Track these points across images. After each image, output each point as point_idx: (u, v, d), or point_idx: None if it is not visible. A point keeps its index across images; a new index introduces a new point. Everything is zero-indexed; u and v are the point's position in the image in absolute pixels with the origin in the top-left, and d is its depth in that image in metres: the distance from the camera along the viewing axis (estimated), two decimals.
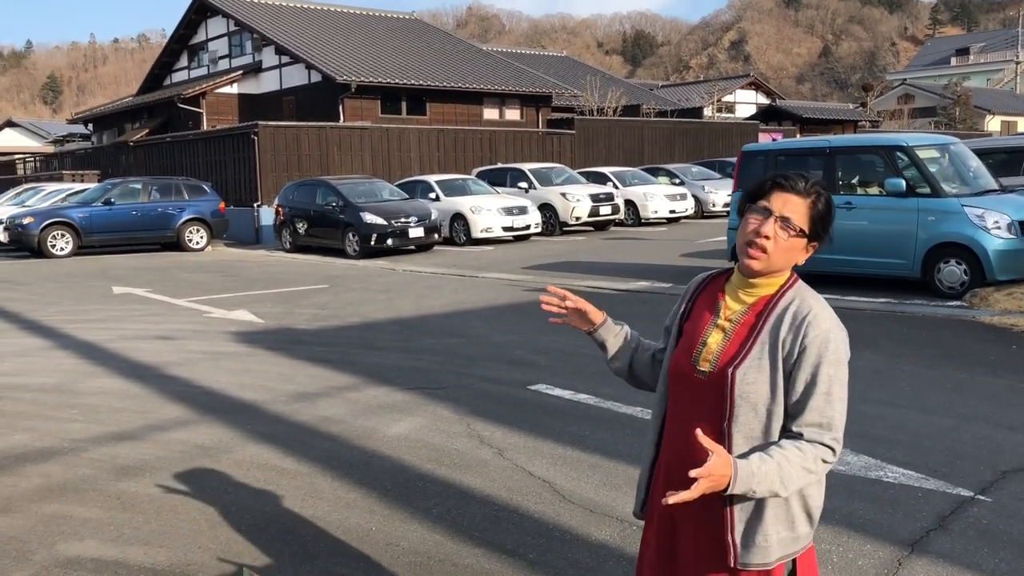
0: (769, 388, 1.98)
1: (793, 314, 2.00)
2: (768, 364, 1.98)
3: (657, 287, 11.86)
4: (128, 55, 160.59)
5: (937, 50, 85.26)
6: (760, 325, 2.03)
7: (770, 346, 1.99)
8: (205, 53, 35.62)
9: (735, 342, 2.03)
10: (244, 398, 6.64)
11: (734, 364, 2.00)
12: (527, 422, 5.75)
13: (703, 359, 2.05)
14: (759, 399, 1.98)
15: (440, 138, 26.26)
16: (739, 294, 2.09)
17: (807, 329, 1.97)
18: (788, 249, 2.01)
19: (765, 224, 2.00)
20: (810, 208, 2.01)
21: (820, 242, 2.05)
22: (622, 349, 2.37)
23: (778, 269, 2.04)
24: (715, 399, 2.01)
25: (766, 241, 1.99)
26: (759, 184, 2.07)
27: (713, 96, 45.66)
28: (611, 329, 2.38)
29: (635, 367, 2.37)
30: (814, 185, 2.03)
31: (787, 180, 2.03)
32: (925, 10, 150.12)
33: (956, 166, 10.53)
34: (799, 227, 1.99)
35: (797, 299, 2.03)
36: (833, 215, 2.06)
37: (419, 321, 9.91)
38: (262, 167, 23.02)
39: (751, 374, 1.98)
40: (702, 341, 2.08)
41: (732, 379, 1.99)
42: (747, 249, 2.02)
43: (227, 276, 15.27)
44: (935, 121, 45.61)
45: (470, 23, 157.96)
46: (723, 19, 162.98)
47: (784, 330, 1.99)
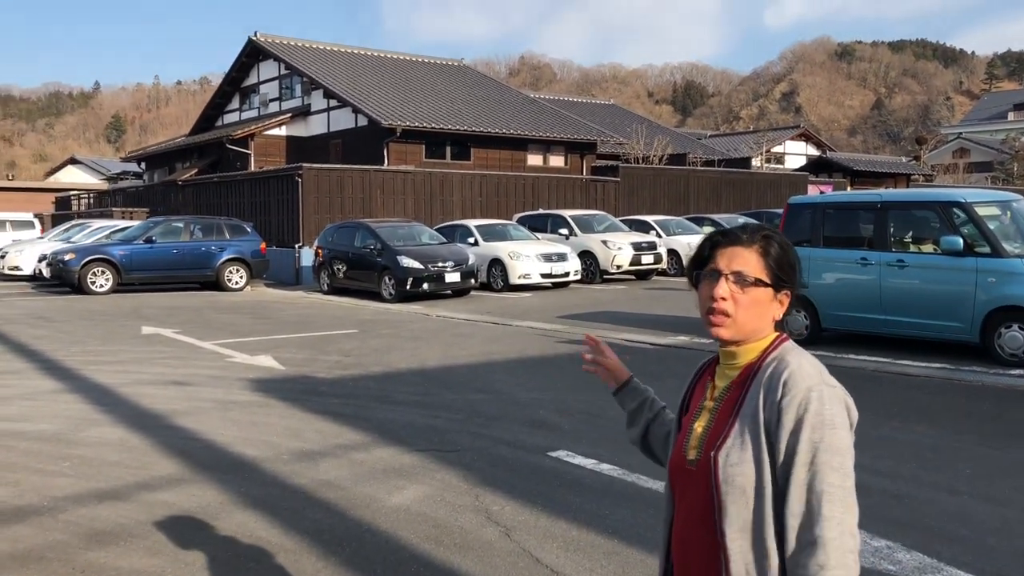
0: (755, 468, 1.73)
1: (770, 376, 1.77)
2: (751, 440, 1.74)
3: (697, 342, 11.30)
4: (190, 96, 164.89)
5: (994, 104, 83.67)
6: (742, 398, 1.80)
7: (751, 418, 1.76)
8: (256, 95, 36.10)
9: (719, 422, 1.82)
10: (245, 455, 6.24)
11: (716, 447, 1.78)
12: (542, 496, 5.24)
13: (691, 447, 1.86)
14: (747, 483, 1.73)
15: (483, 183, 26.05)
16: (725, 371, 1.89)
17: (784, 388, 1.72)
18: (752, 305, 1.82)
19: (717, 286, 1.82)
20: (760, 255, 1.83)
21: (790, 288, 1.85)
22: (638, 416, 2.24)
23: (752, 331, 1.84)
24: (705, 490, 1.79)
25: (724, 303, 1.81)
26: (698, 248, 1.92)
27: (762, 146, 45.05)
28: (633, 392, 2.25)
29: (649, 439, 2.22)
30: (757, 230, 1.87)
31: (724, 235, 1.88)
32: (981, 65, 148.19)
33: (1018, 224, 9.87)
34: (753, 277, 1.81)
35: (777, 359, 1.80)
36: (792, 256, 1.86)
37: (443, 373, 9.48)
38: (305, 209, 22.97)
39: (734, 455, 1.74)
40: (691, 428, 1.89)
41: (715, 464, 1.76)
42: (709, 319, 1.85)
43: (259, 318, 15.03)
44: (992, 176, 44.40)
45: (522, 72, 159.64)
46: (774, 71, 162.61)
47: (762, 396, 1.76)
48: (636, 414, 2.24)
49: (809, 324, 10.90)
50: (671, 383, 8.93)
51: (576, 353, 10.63)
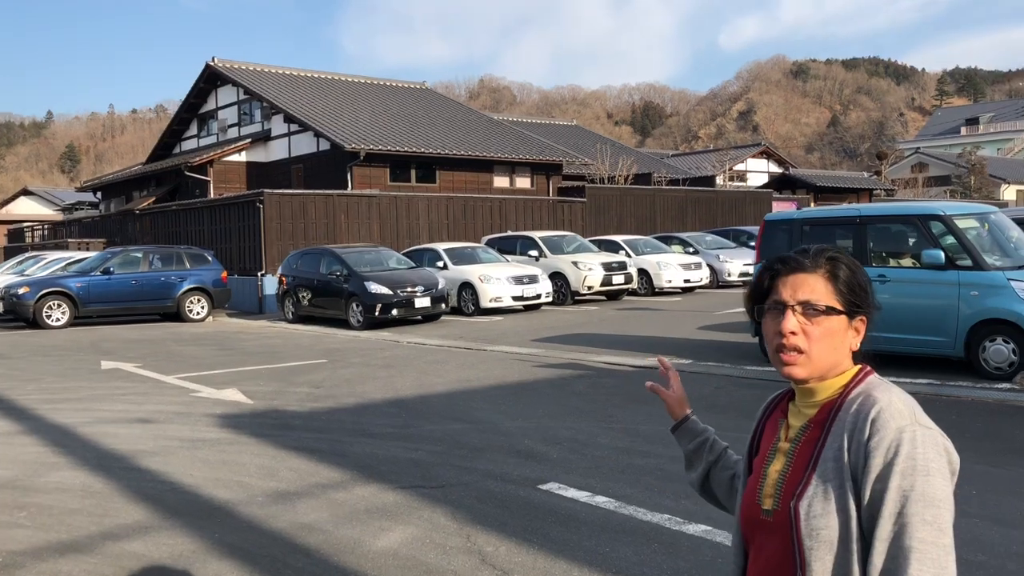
0: (841, 519, 1.52)
1: (855, 414, 1.56)
2: (835, 487, 1.54)
3: (676, 363, 11.07)
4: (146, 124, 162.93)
5: (947, 120, 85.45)
6: (823, 439, 1.60)
7: (834, 462, 1.55)
8: (215, 121, 35.55)
9: (797, 467, 1.62)
10: (217, 497, 5.87)
11: (796, 495, 1.58)
12: (537, 533, 4.95)
13: (766, 495, 1.66)
14: (833, 535, 1.52)
15: (449, 206, 25.80)
16: (801, 409, 1.69)
17: (872, 428, 1.52)
18: (826, 337, 1.62)
19: (785, 320, 1.62)
20: (828, 279, 1.64)
21: (865, 313, 1.66)
22: (697, 458, 2.04)
23: (829, 367, 1.63)
24: (785, 543, 1.59)
25: (796, 339, 1.62)
26: (756, 281, 1.74)
27: (725, 165, 45.36)
28: (689, 432, 2.06)
29: (711, 483, 2.03)
30: (820, 253, 1.68)
31: (784, 262, 1.69)
32: (932, 81, 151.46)
33: (996, 237, 9.83)
34: (824, 306, 1.62)
35: (862, 395, 1.60)
36: (864, 277, 1.68)
37: (420, 403, 9.15)
38: (267, 235, 22.52)
39: (818, 504, 1.54)
40: (764, 473, 1.69)
41: (796, 515, 1.56)
42: (780, 356, 1.65)
43: (223, 349, 14.57)
44: (950, 190, 45.11)
45: (482, 94, 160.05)
46: (731, 90, 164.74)
47: (847, 437, 1.55)
48: (695, 456, 2.04)
49: None
50: (656, 406, 8.71)
51: (559, 378, 10.37)
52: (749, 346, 11.74)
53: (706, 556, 4.53)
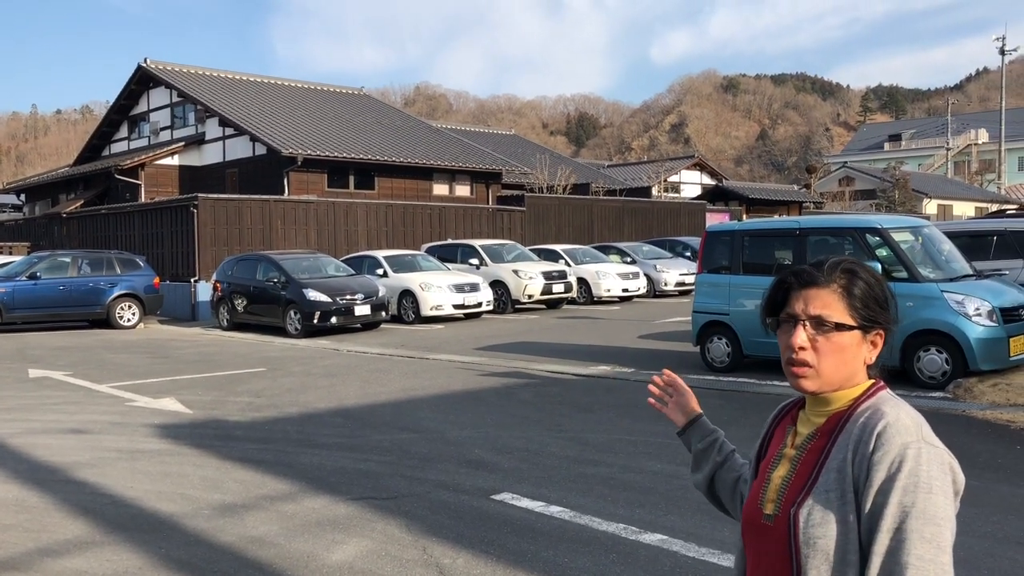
0: (840, 529, 1.52)
1: (862, 427, 1.56)
2: (836, 497, 1.54)
3: (619, 372, 11.18)
4: (71, 126, 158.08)
5: (871, 135, 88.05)
6: (828, 449, 1.60)
7: (837, 472, 1.55)
8: (146, 124, 34.68)
9: (801, 475, 1.61)
10: (160, 511, 5.69)
11: (796, 503, 1.57)
12: (494, 544, 4.91)
13: (768, 500, 1.65)
14: (830, 545, 1.52)
15: (389, 213, 25.60)
16: (810, 417, 1.68)
17: (876, 441, 1.52)
18: (836, 352, 1.61)
19: (794, 336, 1.62)
20: (842, 295, 1.62)
21: (883, 327, 1.64)
22: (705, 458, 2.01)
23: (840, 381, 1.62)
24: (783, 549, 1.58)
25: (805, 354, 1.61)
26: (770, 292, 1.72)
27: (660, 176, 45.97)
28: (700, 431, 2.03)
29: (716, 484, 2.00)
30: (836, 266, 1.66)
31: (797, 275, 1.67)
32: (856, 98, 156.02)
33: (928, 250, 10.15)
34: (834, 322, 1.60)
35: (871, 409, 1.59)
36: (882, 290, 1.66)
37: (365, 412, 9.03)
38: (201, 241, 22.02)
39: (817, 513, 1.54)
40: (768, 478, 1.69)
41: (795, 522, 1.55)
42: (790, 369, 1.65)
43: (156, 358, 14.19)
44: (876, 203, 46.46)
45: (418, 101, 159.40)
46: (663, 103, 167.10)
47: (852, 449, 1.55)
48: (703, 456, 2.01)
49: (731, 351, 10.92)
50: (603, 415, 8.77)
51: (504, 387, 10.35)
52: (690, 355, 11.89)
53: (664, 566, 4.54)
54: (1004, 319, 9.16)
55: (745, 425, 7.73)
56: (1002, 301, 9.30)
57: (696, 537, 4.87)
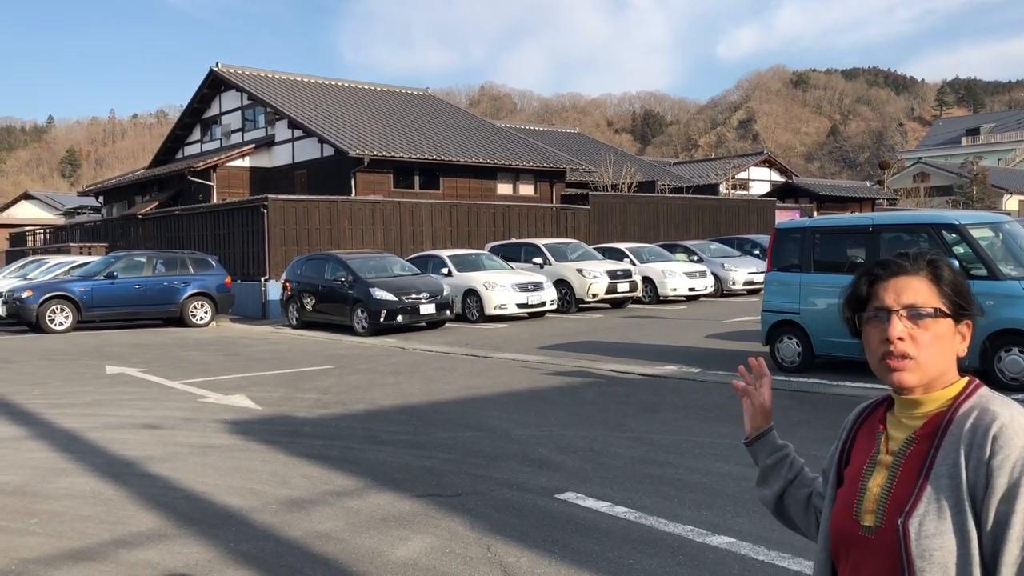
0: (958, 539, 1.44)
1: (972, 429, 1.48)
2: (950, 505, 1.46)
3: (685, 372, 11.02)
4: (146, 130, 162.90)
5: (947, 130, 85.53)
6: (932, 454, 1.51)
7: (948, 479, 1.47)
8: (218, 126, 35.52)
9: (904, 482, 1.53)
10: (230, 505, 5.79)
11: (904, 512, 1.49)
12: (558, 544, 4.87)
13: (866, 511, 1.57)
14: (948, 558, 1.44)
15: (453, 212, 25.75)
16: (902, 420, 1.60)
17: (993, 446, 1.44)
18: (935, 342, 1.54)
19: (891, 327, 1.54)
20: (932, 282, 1.57)
21: (970, 317, 1.59)
22: (774, 474, 1.91)
23: (939, 373, 1.55)
24: (889, 563, 1.50)
25: (904, 345, 1.53)
26: (853, 287, 1.64)
27: (727, 173, 45.36)
28: (769, 445, 1.93)
29: (786, 502, 1.90)
30: (920, 255, 1.61)
31: (884, 266, 1.61)
32: (931, 91, 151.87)
33: (1010, 246, 9.76)
34: (932, 308, 1.54)
35: (977, 409, 1.51)
36: (964, 279, 1.61)
37: (430, 409, 9.07)
38: (271, 241, 22.46)
39: (930, 523, 1.46)
40: (861, 487, 1.60)
41: (905, 534, 1.47)
42: (887, 364, 1.55)
43: (228, 355, 14.49)
44: (952, 199, 45.09)
45: (482, 102, 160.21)
46: (731, 99, 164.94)
47: (964, 453, 1.47)
48: (774, 472, 1.92)
49: (801, 351, 10.68)
50: (669, 415, 8.66)
51: (568, 386, 10.29)
52: (759, 355, 11.65)
53: (732, 569, 4.45)
54: None
55: (816, 427, 7.55)
56: None
57: (765, 540, 4.75)
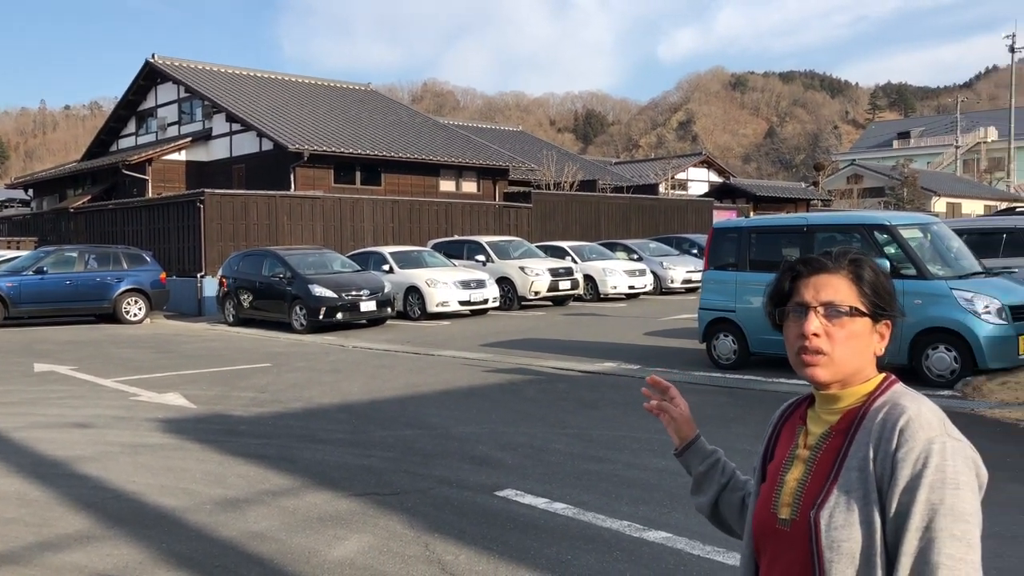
0: (864, 530, 1.46)
1: (882, 423, 1.50)
2: (858, 497, 1.48)
3: (625, 369, 11.13)
4: (79, 122, 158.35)
5: (879, 133, 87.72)
6: (846, 448, 1.53)
7: (858, 472, 1.49)
8: (154, 119, 34.74)
9: (818, 476, 1.55)
10: (162, 505, 5.67)
11: (817, 505, 1.51)
12: (497, 541, 4.87)
13: (783, 504, 1.59)
14: (855, 548, 1.46)
15: (395, 209, 25.59)
16: (821, 416, 1.62)
17: (899, 439, 1.46)
18: (850, 340, 1.56)
19: (807, 322, 1.57)
20: (852, 281, 1.59)
21: (890, 317, 1.61)
22: (708, 480, 1.91)
23: (853, 371, 1.58)
24: (803, 555, 1.52)
25: (819, 341, 1.56)
26: (776, 283, 1.67)
27: (667, 173, 45.88)
28: (700, 452, 1.92)
29: (721, 507, 1.91)
30: (843, 254, 1.63)
31: (806, 263, 1.63)
32: (864, 95, 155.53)
33: (938, 247, 10.06)
34: (848, 307, 1.56)
35: (889, 404, 1.53)
36: (886, 280, 1.63)
37: (369, 408, 9.00)
38: (207, 236, 22.04)
39: (839, 515, 1.48)
40: (780, 481, 1.62)
41: (816, 525, 1.49)
42: (801, 359, 1.59)
43: (162, 352, 14.18)
44: (884, 201, 46.27)
45: (425, 98, 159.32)
46: (671, 100, 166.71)
47: (873, 446, 1.49)
48: (707, 478, 1.92)
49: (737, 349, 10.86)
50: (608, 412, 8.72)
51: (509, 383, 10.31)
52: (696, 352, 11.83)
53: (668, 563, 4.50)
54: (1013, 317, 9.09)
55: (751, 423, 7.68)
56: (1011, 299, 9.22)
57: (701, 535, 4.82)
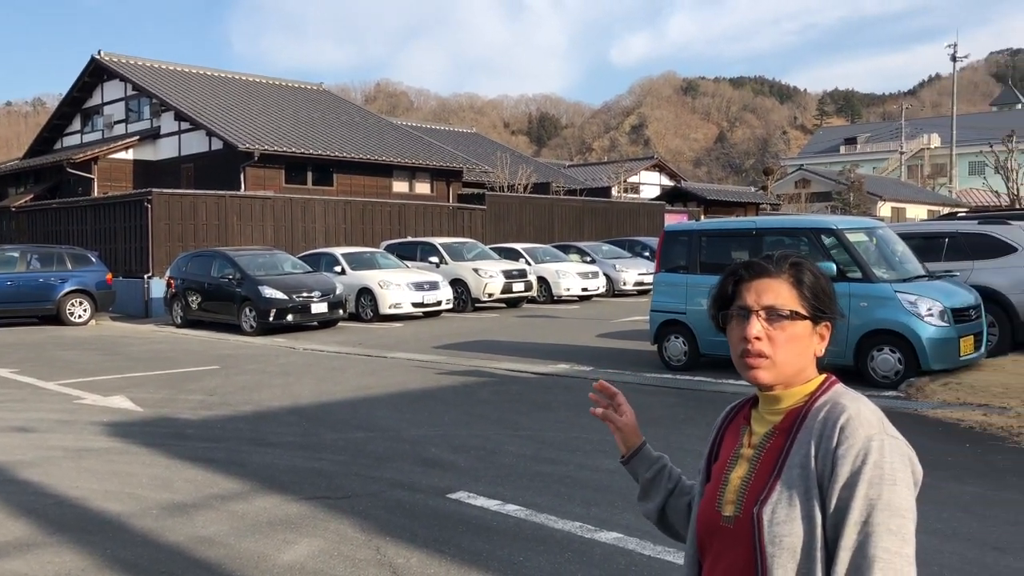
0: (806, 526, 1.50)
1: (823, 421, 1.54)
2: (800, 493, 1.51)
3: (578, 370, 11.17)
4: (21, 118, 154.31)
5: (827, 139, 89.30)
6: (788, 446, 1.57)
7: (800, 468, 1.53)
8: (100, 117, 34.02)
9: (761, 474, 1.59)
10: (107, 510, 5.55)
11: (760, 501, 1.55)
12: (449, 544, 4.85)
13: (726, 501, 1.62)
14: (797, 544, 1.50)
15: (347, 210, 25.39)
16: (764, 416, 1.66)
17: (839, 436, 1.50)
18: (791, 343, 1.60)
19: (749, 326, 1.61)
20: (793, 285, 1.62)
21: (830, 319, 1.64)
22: (655, 487, 1.92)
23: (794, 372, 1.62)
24: (746, 551, 1.55)
25: (760, 344, 1.60)
26: (719, 287, 1.71)
27: (619, 176, 46.18)
28: (646, 459, 1.94)
29: (668, 513, 1.92)
30: (784, 258, 1.67)
31: (748, 267, 1.68)
32: (812, 101, 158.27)
33: (883, 251, 10.28)
34: (788, 311, 1.60)
35: (830, 403, 1.58)
36: (828, 283, 1.67)
37: (320, 410, 8.91)
38: (155, 236, 21.64)
39: (781, 511, 1.52)
40: (724, 479, 1.66)
41: (759, 521, 1.53)
42: (744, 361, 1.63)
43: (107, 355, 13.90)
44: (831, 205, 47.12)
45: (379, 99, 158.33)
46: (624, 104, 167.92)
47: (814, 444, 1.53)
48: (654, 484, 1.93)
49: (688, 350, 10.97)
50: (561, 413, 8.74)
51: (462, 385, 10.29)
52: (648, 354, 11.92)
53: (619, 564, 4.52)
54: (955, 319, 9.32)
55: (701, 424, 7.76)
56: (953, 302, 9.46)
57: (651, 535, 4.85)
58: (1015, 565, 4.44)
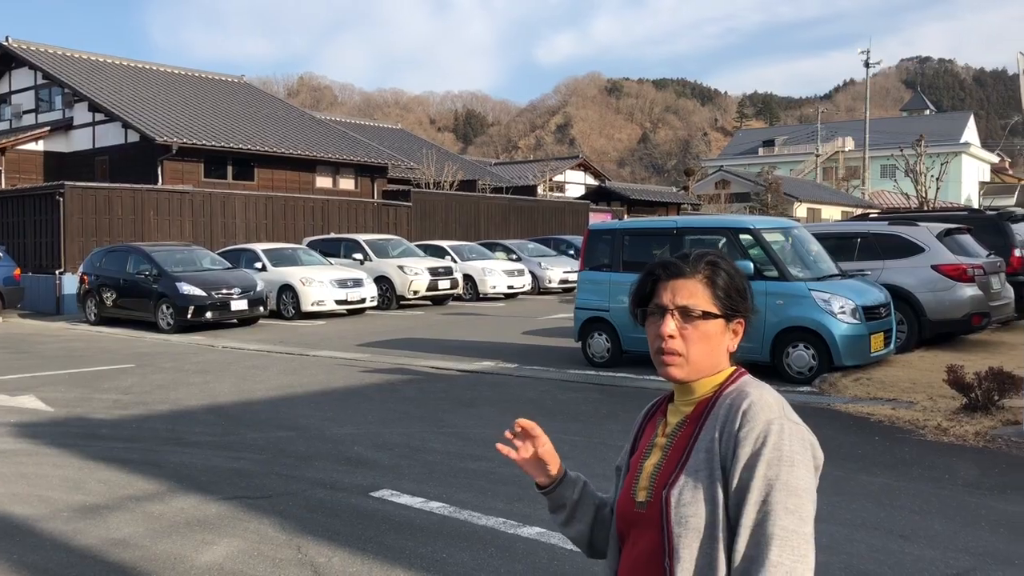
0: (709, 507, 1.56)
1: (728, 408, 1.62)
2: (704, 476, 1.58)
3: (503, 367, 11.21)
4: None
5: (746, 141, 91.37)
6: (696, 432, 1.64)
7: (706, 452, 1.60)
8: (7, 106, 32.68)
9: (671, 459, 1.65)
10: (14, 514, 5.36)
11: (668, 485, 1.61)
12: (371, 542, 4.83)
13: (640, 488, 1.68)
14: (701, 523, 1.56)
15: (268, 205, 24.95)
16: (679, 407, 1.73)
17: (742, 419, 1.57)
18: (703, 340, 1.67)
19: (664, 324, 1.67)
20: (706, 285, 1.68)
21: (743, 316, 1.72)
22: (582, 507, 1.88)
23: (707, 368, 1.68)
24: (657, 535, 1.61)
25: (674, 342, 1.66)
26: (638, 285, 1.76)
27: (545, 175, 46.45)
28: (570, 482, 1.87)
29: (596, 533, 1.88)
30: (700, 258, 1.72)
31: (665, 267, 1.72)
32: (733, 104, 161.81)
33: (798, 250, 10.58)
34: (700, 311, 1.66)
35: (736, 392, 1.65)
36: (742, 282, 1.73)
37: (240, 409, 8.75)
38: (67, 231, 20.92)
39: (687, 493, 1.58)
40: (640, 468, 1.71)
41: (667, 504, 1.59)
42: (660, 359, 1.69)
43: (16, 353, 13.39)
44: (750, 206, 48.25)
45: (302, 92, 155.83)
46: (550, 103, 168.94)
47: (719, 429, 1.60)
48: (580, 505, 1.86)
49: (611, 347, 11.11)
50: (485, 410, 8.77)
51: (387, 383, 10.23)
52: (572, 350, 12.03)
53: (542, 558, 4.57)
54: (866, 317, 9.65)
55: (624, 420, 7.87)
56: (865, 300, 9.79)
57: None
58: (918, 552, 4.63)
